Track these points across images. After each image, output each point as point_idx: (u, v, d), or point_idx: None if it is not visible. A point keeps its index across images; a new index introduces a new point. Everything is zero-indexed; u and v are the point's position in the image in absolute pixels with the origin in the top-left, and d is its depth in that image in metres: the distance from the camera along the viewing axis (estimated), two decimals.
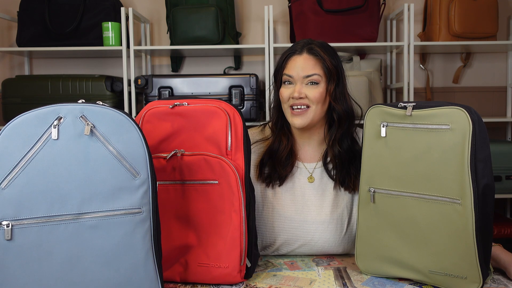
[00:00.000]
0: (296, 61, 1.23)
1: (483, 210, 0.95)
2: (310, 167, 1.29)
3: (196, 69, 2.63)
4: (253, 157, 1.29)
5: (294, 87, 1.22)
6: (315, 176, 1.28)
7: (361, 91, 2.14)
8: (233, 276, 1.03)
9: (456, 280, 0.98)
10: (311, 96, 1.21)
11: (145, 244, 0.88)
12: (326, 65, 1.21)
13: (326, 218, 1.24)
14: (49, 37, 2.28)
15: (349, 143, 1.26)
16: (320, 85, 1.22)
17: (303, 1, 2.22)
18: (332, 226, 1.24)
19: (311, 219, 1.24)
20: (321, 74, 1.22)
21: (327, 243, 1.24)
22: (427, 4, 2.34)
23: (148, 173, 0.88)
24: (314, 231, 1.24)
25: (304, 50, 1.23)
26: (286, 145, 1.28)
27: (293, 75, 1.22)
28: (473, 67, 2.62)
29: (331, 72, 1.22)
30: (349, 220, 1.25)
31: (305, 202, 1.26)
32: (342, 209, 1.25)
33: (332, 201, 1.26)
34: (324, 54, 1.22)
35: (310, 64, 1.22)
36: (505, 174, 2.11)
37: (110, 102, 2.23)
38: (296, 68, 1.22)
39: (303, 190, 1.27)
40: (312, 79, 1.21)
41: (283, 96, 1.24)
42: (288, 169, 1.27)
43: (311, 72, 1.21)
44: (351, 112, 1.26)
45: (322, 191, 1.27)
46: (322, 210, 1.25)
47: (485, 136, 0.97)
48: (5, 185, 0.84)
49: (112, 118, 0.87)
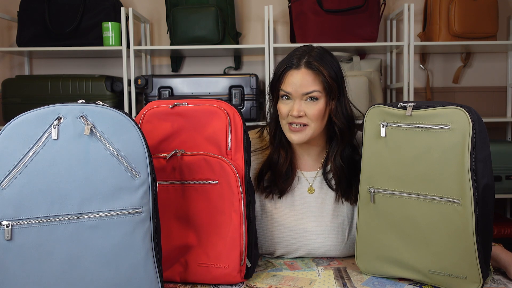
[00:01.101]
0: (294, 77, 1.17)
1: (483, 210, 0.95)
2: (310, 176, 1.27)
3: (196, 69, 2.62)
4: (252, 166, 1.24)
5: (293, 104, 1.17)
6: (315, 186, 1.26)
7: (361, 91, 2.13)
8: (233, 276, 1.03)
9: (456, 280, 0.98)
10: (310, 113, 1.16)
11: (145, 244, 0.88)
12: (326, 79, 1.16)
13: (327, 228, 1.22)
14: (49, 37, 2.28)
15: (350, 152, 1.24)
16: (320, 101, 1.17)
17: (303, 1, 2.22)
18: (333, 235, 1.22)
19: (311, 228, 1.22)
20: (320, 89, 1.16)
21: (328, 252, 1.23)
22: (427, 4, 2.34)
23: (148, 173, 0.88)
24: (314, 240, 1.22)
25: (302, 64, 1.17)
26: (285, 159, 1.24)
27: (291, 92, 1.17)
28: (473, 67, 2.62)
29: (331, 87, 1.17)
30: (350, 228, 1.23)
31: (305, 212, 1.24)
32: (342, 218, 1.23)
33: (333, 210, 1.23)
34: (323, 69, 1.16)
35: (309, 80, 1.16)
36: (505, 174, 2.11)
37: (110, 102, 2.23)
38: (294, 85, 1.16)
39: (303, 200, 1.25)
40: (312, 96, 1.16)
41: (282, 112, 1.19)
42: (289, 182, 1.25)
43: (310, 89, 1.16)
44: (352, 121, 1.23)
45: (322, 200, 1.25)
46: (322, 219, 1.23)
47: (485, 136, 0.97)
48: (5, 185, 0.84)
49: (112, 118, 0.87)
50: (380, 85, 2.30)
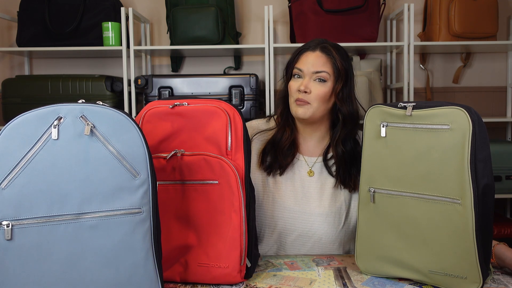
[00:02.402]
0: (308, 57, 1.27)
1: (483, 210, 0.95)
2: (310, 161, 1.33)
3: (196, 69, 2.63)
4: (257, 145, 1.36)
5: (303, 80, 1.26)
6: (314, 171, 1.32)
7: (361, 91, 2.14)
8: (233, 276, 1.03)
9: (456, 280, 0.98)
10: (315, 92, 1.24)
11: (145, 244, 0.88)
12: (337, 64, 1.26)
13: (325, 211, 1.27)
14: (49, 37, 2.28)
15: (352, 145, 1.30)
16: (327, 84, 1.26)
17: (303, 1, 2.22)
18: (330, 218, 1.27)
19: (310, 210, 1.28)
20: (330, 72, 1.26)
21: (324, 235, 1.27)
22: (427, 4, 2.34)
23: (148, 173, 0.88)
24: (312, 222, 1.27)
25: (318, 47, 1.28)
26: (289, 136, 1.31)
27: (303, 69, 1.27)
28: (473, 67, 2.62)
29: (340, 72, 1.26)
30: (347, 214, 1.28)
31: (304, 194, 1.30)
32: (340, 203, 1.28)
33: (331, 195, 1.29)
34: (336, 54, 1.27)
35: (320, 61, 1.26)
36: (505, 174, 2.11)
37: (110, 102, 2.23)
38: (306, 63, 1.27)
39: (303, 182, 1.31)
40: (320, 76, 1.25)
41: (292, 89, 1.28)
42: (289, 159, 1.31)
43: (320, 68, 1.25)
44: (356, 114, 1.30)
45: (321, 184, 1.30)
46: (320, 202, 1.28)
47: (485, 136, 0.97)
48: (5, 185, 0.84)
49: (112, 118, 0.87)
50: (380, 85, 2.30)
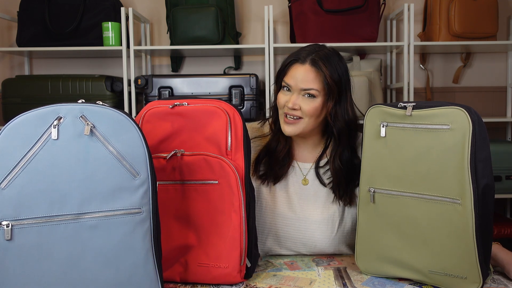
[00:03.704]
0: (297, 71, 1.20)
1: (483, 210, 0.95)
2: (305, 168, 1.30)
3: (196, 69, 2.63)
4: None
5: (291, 96, 1.21)
6: (309, 178, 1.29)
7: (361, 91, 2.14)
8: (233, 276, 1.03)
9: (456, 280, 0.98)
10: (305, 109, 1.19)
11: (145, 244, 0.88)
12: (327, 80, 1.18)
13: (318, 218, 1.25)
14: (49, 37, 2.28)
15: (349, 155, 1.25)
16: (317, 100, 1.19)
17: (303, 1, 2.22)
18: (323, 226, 1.25)
19: (303, 217, 1.26)
20: (319, 89, 1.19)
21: (318, 242, 1.25)
22: (427, 4, 2.34)
23: (148, 173, 0.88)
24: (304, 229, 1.25)
25: (308, 60, 1.19)
26: (284, 146, 1.28)
27: (291, 84, 1.20)
28: (473, 67, 2.62)
29: (331, 89, 1.19)
30: (340, 221, 1.26)
31: (297, 201, 1.28)
32: (334, 210, 1.26)
33: (324, 202, 1.27)
34: (326, 69, 1.18)
35: (310, 77, 1.19)
36: (505, 174, 2.11)
37: (110, 102, 2.23)
38: (295, 78, 1.20)
39: (296, 189, 1.29)
40: (309, 93, 1.19)
41: (280, 102, 1.24)
42: (285, 169, 1.29)
43: (309, 86, 1.18)
44: (354, 125, 1.24)
45: (315, 191, 1.28)
46: (314, 210, 1.26)
47: (485, 136, 0.97)
48: (5, 185, 0.84)
49: (112, 118, 0.87)
50: (380, 85, 2.30)
